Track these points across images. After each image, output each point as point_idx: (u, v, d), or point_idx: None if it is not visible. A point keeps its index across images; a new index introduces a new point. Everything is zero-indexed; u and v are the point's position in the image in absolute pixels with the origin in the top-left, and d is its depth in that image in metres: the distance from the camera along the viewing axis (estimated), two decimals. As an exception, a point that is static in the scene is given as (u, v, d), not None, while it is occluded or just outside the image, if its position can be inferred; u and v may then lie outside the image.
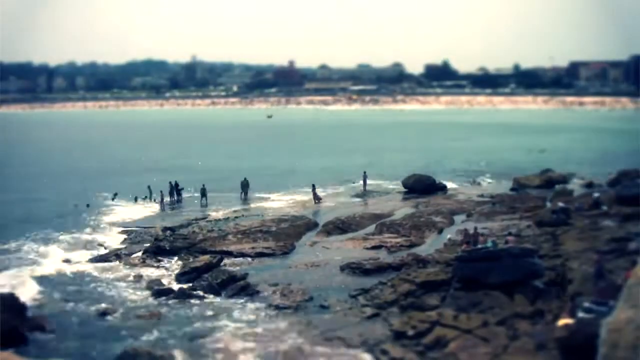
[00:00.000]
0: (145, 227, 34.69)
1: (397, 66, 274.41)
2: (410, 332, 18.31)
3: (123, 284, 24.90)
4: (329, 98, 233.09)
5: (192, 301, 22.68)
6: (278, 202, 41.85)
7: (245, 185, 43.91)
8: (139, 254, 29.33)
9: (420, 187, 43.90)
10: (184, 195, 43.80)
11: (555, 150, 70.95)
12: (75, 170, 60.93)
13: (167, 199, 42.49)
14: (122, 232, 34.24)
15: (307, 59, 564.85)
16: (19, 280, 25.33)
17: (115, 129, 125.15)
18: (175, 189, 43.55)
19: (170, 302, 22.70)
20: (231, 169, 57.09)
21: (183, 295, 23.16)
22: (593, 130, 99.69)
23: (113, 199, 42.73)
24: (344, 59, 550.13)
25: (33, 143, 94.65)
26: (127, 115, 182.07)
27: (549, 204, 36.22)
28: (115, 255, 29.24)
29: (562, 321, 17.24)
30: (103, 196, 43.85)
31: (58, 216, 38.11)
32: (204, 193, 42.16)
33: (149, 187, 43.58)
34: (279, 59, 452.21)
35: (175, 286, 24.35)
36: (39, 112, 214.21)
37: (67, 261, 28.47)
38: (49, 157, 74.60)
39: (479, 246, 23.78)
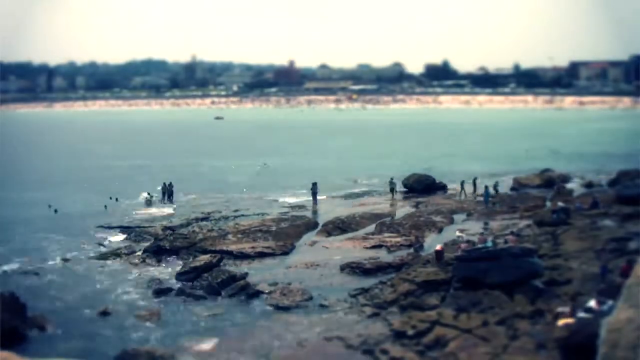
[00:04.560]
0: (145, 227, 34.68)
1: (397, 66, 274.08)
2: (410, 332, 18.32)
3: (123, 284, 24.89)
4: (328, 98, 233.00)
5: (192, 301, 22.68)
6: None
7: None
8: (139, 253, 29.34)
9: (420, 186, 43.91)
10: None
11: (559, 150, 71.06)
12: (75, 171, 60.99)
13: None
14: (122, 231, 34.21)
15: (307, 59, 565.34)
16: (19, 280, 25.35)
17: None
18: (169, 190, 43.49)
19: (170, 301, 22.71)
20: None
21: (183, 295, 23.17)
22: (593, 131, 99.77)
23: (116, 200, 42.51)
24: (344, 59, 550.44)
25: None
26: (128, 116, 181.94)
27: (549, 204, 36.24)
28: (116, 254, 29.25)
29: (562, 321, 17.27)
30: (102, 197, 43.70)
31: (58, 217, 38.08)
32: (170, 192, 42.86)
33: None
34: (279, 59, 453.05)
35: (175, 285, 24.35)
36: (38, 111, 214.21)
37: (67, 260, 28.48)
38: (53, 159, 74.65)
39: (479, 246, 23.78)
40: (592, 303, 17.47)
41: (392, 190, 41.30)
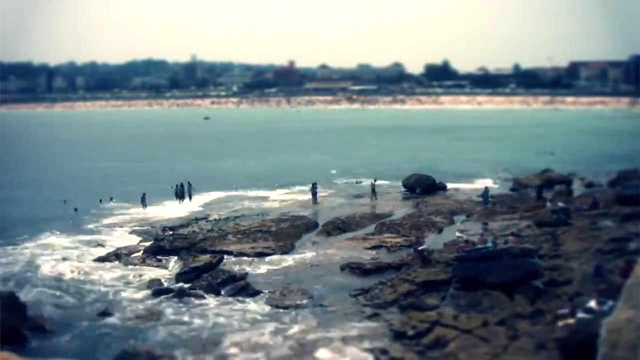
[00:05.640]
0: (145, 227, 34.67)
1: (397, 66, 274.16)
2: (410, 332, 18.31)
3: (123, 284, 24.89)
4: (328, 98, 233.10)
5: (192, 301, 22.66)
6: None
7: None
8: (139, 253, 29.33)
9: (420, 187, 43.90)
10: None
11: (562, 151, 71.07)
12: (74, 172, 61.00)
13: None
14: (122, 231, 34.20)
15: (307, 59, 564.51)
16: (19, 280, 25.36)
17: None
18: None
19: (170, 301, 22.68)
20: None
21: (183, 295, 23.13)
22: (593, 131, 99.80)
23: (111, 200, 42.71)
24: (344, 59, 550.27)
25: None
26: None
27: (549, 204, 36.23)
28: (115, 254, 29.20)
29: (562, 321, 17.27)
30: (99, 198, 43.62)
31: (57, 216, 38.08)
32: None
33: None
34: (279, 59, 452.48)
35: (175, 286, 24.31)
36: (38, 112, 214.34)
37: (67, 260, 28.45)
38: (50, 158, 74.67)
39: (479, 246, 23.78)
40: (592, 303, 17.47)
41: (314, 194, 41.55)
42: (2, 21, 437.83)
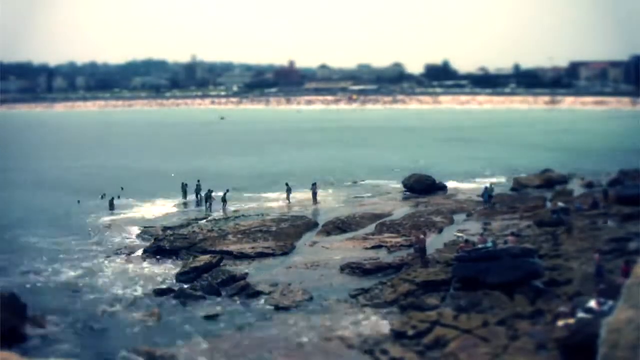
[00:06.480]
0: (145, 227, 34.67)
1: (397, 66, 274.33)
2: (410, 332, 18.31)
3: (123, 284, 24.88)
4: (328, 98, 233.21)
5: (192, 301, 22.67)
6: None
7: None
8: (139, 253, 29.34)
9: (420, 187, 43.90)
10: None
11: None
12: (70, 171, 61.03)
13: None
14: (123, 231, 34.21)
15: (307, 59, 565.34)
16: (19, 280, 25.36)
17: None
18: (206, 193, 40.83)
19: (170, 301, 22.70)
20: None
21: (183, 295, 23.15)
22: (593, 131, 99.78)
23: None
24: (344, 59, 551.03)
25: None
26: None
27: (549, 204, 36.23)
28: (115, 254, 29.25)
29: (562, 321, 17.27)
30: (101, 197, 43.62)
31: (57, 216, 38.09)
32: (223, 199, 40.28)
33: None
34: (279, 59, 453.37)
35: (175, 286, 24.35)
36: (38, 111, 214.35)
37: (66, 260, 28.45)
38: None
39: (479, 246, 23.79)
40: (592, 303, 17.47)
41: (314, 194, 41.48)
42: (2, 21, 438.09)
